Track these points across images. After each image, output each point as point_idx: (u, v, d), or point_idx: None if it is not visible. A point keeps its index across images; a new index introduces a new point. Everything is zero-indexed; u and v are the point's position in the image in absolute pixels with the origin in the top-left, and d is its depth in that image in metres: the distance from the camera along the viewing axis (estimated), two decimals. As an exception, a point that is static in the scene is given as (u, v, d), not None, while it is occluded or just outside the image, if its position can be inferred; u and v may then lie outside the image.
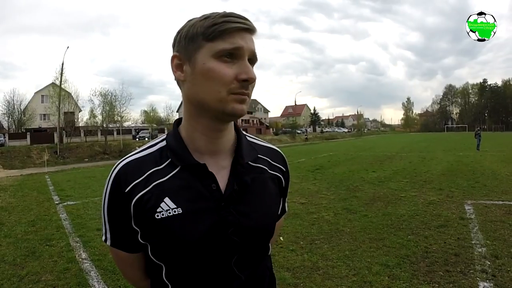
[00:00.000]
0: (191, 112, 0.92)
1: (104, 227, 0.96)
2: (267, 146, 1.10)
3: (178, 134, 0.95)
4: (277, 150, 1.12)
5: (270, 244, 1.10)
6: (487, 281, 3.69)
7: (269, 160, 1.06)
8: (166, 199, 0.88)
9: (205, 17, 0.85)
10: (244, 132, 1.05)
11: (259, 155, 1.03)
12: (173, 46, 0.91)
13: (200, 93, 0.86)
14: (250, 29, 0.85)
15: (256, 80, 0.89)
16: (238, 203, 0.92)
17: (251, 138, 1.08)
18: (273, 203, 1.05)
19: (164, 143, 0.96)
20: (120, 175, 0.91)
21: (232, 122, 0.98)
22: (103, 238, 0.98)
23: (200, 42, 0.84)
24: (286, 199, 1.19)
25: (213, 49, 0.83)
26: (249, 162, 0.99)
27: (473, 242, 4.85)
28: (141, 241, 0.93)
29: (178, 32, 0.90)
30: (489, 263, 4.13)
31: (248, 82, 0.83)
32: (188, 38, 0.86)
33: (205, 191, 0.90)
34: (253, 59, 0.87)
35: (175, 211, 0.87)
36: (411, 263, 4.28)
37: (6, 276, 4.35)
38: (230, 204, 0.91)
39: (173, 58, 0.90)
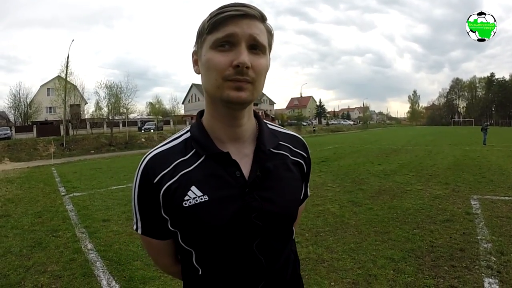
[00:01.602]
0: (209, 102, 0.97)
1: (135, 217, 1.01)
2: (288, 133, 1.13)
3: (201, 125, 0.99)
4: (298, 137, 1.15)
5: (294, 228, 1.13)
6: (492, 277, 3.67)
7: (290, 146, 1.08)
8: (193, 188, 0.92)
9: (210, 13, 0.89)
10: (265, 120, 1.08)
11: (280, 142, 1.06)
12: None
13: (205, 83, 0.92)
14: (246, 15, 0.86)
15: (267, 66, 0.91)
16: (262, 189, 0.95)
17: (272, 125, 1.11)
18: (296, 188, 1.08)
19: (188, 134, 1.01)
20: (148, 167, 0.95)
21: (251, 111, 1.01)
22: (134, 227, 1.03)
23: (203, 37, 0.90)
24: (308, 184, 1.22)
25: (210, 40, 0.87)
26: (271, 149, 1.01)
27: (478, 237, 4.83)
28: (171, 228, 0.97)
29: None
30: (494, 259, 4.11)
31: (240, 67, 0.84)
32: (198, 35, 0.93)
33: (229, 178, 0.93)
34: (257, 45, 0.88)
35: (201, 199, 0.91)
36: (416, 257, 4.27)
37: (12, 266, 4.40)
38: (254, 190, 0.94)
39: (192, 55, 0.98)
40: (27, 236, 5.63)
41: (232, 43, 0.85)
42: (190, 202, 0.91)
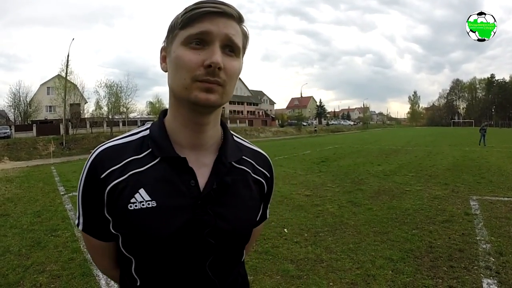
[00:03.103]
0: (173, 103, 0.90)
1: (78, 211, 0.94)
2: (254, 149, 1.07)
3: (162, 125, 0.93)
4: (264, 155, 1.08)
5: (244, 250, 1.06)
6: (491, 277, 3.67)
7: (253, 163, 1.02)
8: (141, 190, 0.85)
9: (184, 8, 0.83)
10: (231, 132, 1.02)
11: (243, 157, 1.00)
12: None
13: (171, 82, 0.85)
14: (223, 13, 0.81)
15: (238, 70, 0.85)
16: (216, 204, 0.89)
17: (238, 138, 1.05)
18: (252, 208, 1.01)
19: (147, 132, 0.93)
20: (97, 161, 0.88)
21: (218, 118, 0.94)
22: (76, 222, 0.95)
23: (175, 32, 0.83)
24: (268, 205, 1.15)
25: (182, 36, 0.81)
26: (233, 163, 0.95)
27: (477, 238, 4.83)
28: (113, 231, 0.90)
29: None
30: (493, 259, 4.11)
31: (212, 67, 0.78)
32: (169, 29, 0.86)
33: (182, 186, 0.87)
34: (231, 46, 0.82)
35: (149, 204, 0.84)
36: (415, 257, 4.27)
37: (11, 266, 4.39)
38: (207, 204, 0.88)
39: (161, 51, 0.91)
40: (26, 236, 5.62)
41: (205, 41, 0.80)
42: (136, 206, 0.84)
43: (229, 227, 0.90)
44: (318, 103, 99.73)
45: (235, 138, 1.03)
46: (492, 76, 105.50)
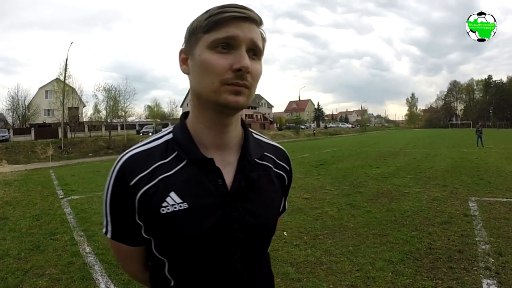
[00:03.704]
0: (196, 105, 0.91)
1: (105, 220, 0.94)
2: (273, 144, 1.10)
3: (185, 127, 0.94)
4: (282, 149, 1.12)
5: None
6: (491, 278, 3.68)
7: (274, 158, 1.05)
8: (172, 194, 0.87)
9: (206, 11, 0.85)
10: (250, 130, 1.04)
11: (265, 153, 1.03)
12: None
13: (198, 85, 0.86)
14: (248, 18, 0.83)
15: (261, 73, 0.88)
16: (244, 200, 0.91)
17: (257, 135, 1.08)
18: (276, 201, 1.05)
19: (170, 135, 0.95)
20: (124, 168, 0.89)
21: (239, 118, 0.97)
22: (104, 230, 0.96)
23: (198, 35, 0.84)
24: (287, 197, 1.18)
25: (208, 40, 0.82)
26: (256, 159, 0.98)
27: (476, 239, 4.84)
28: (145, 235, 0.91)
29: (187, 28, 0.90)
30: (492, 260, 4.12)
31: (242, 71, 0.80)
32: (190, 32, 0.87)
33: (211, 186, 0.89)
34: (255, 50, 0.85)
35: (180, 206, 0.86)
36: (415, 259, 4.27)
37: (10, 270, 4.38)
38: (236, 201, 0.90)
39: (180, 52, 0.92)
40: (25, 239, 5.61)
41: (231, 45, 0.82)
42: (168, 209, 0.86)
43: (257, 221, 0.93)
44: (316, 106, 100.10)
45: (255, 135, 1.06)
46: (490, 77, 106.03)
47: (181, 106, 71.59)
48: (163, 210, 0.86)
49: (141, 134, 42.10)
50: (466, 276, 3.77)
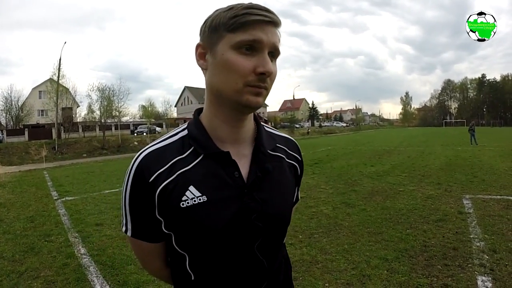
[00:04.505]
0: (212, 101, 0.93)
1: (124, 218, 0.96)
2: (284, 136, 1.13)
3: (199, 123, 0.97)
4: (293, 140, 1.15)
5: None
6: (485, 275, 3.70)
7: (286, 149, 1.09)
8: (191, 187, 0.89)
9: (229, 8, 0.86)
10: (262, 123, 1.07)
11: (277, 144, 1.06)
12: (199, 35, 0.93)
13: (219, 83, 0.88)
14: (272, 22, 0.85)
15: (276, 74, 0.91)
16: (260, 190, 0.94)
17: (269, 128, 1.11)
18: (291, 191, 1.08)
19: (185, 132, 0.97)
20: (142, 165, 0.91)
21: (252, 113, 0.99)
22: (123, 229, 0.98)
23: (222, 33, 0.85)
24: (299, 188, 1.21)
25: (233, 40, 0.83)
26: (269, 151, 1.01)
27: (471, 236, 4.87)
28: (165, 230, 0.93)
29: (204, 22, 0.91)
30: (487, 257, 4.15)
31: (265, 75, 0.84)
32: (212, 28, 0.88)
33: (228, 179, 0.91)
34: (274, 53, 0.88)
35: (200, 199, 0.88)
36: (410, 256, 4.29)
37: (5, 272, 4.35)
38: (253, 191, 0.92)
39: (197, 46, 0.93)
40: (20, 241, 5.58)
41: (255, 48, 0.84)
42: (188, 203, 0.88)
43: (273, 210, 0.96)
44: (310, 105, 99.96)
45: (266, 128, 1.08)
46: (483, 76, 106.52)
47: (175, 106, 71.25)
48: (183, 204, 0.88)
49: (135, 134, 41.89)
50: (461, 273, 3.79)
